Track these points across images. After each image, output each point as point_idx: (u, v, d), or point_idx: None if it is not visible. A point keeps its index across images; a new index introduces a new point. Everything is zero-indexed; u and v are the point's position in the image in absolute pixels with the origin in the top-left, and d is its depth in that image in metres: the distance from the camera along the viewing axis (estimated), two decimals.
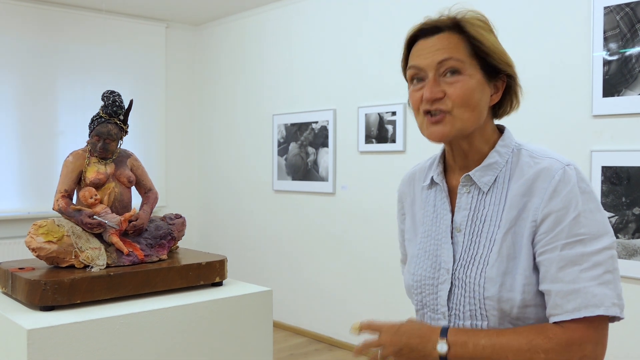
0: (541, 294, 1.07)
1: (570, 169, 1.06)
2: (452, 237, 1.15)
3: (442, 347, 1.05)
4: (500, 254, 1.07)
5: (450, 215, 1.17)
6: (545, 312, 1.07)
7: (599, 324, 1.01)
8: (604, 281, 1.00)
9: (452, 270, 1.13)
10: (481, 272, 1.08)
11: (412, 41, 1.16)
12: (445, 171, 1.22)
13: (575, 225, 1.02)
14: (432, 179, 1.23)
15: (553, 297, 1.02)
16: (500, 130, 1.19)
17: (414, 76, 1.13)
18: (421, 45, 1.12)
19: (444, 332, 1.07)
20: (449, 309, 1.13)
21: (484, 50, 1.10)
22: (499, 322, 1.07)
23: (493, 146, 1.15)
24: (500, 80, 1.14)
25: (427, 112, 1.11)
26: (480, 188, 1.13)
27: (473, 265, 1.10)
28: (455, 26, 1.11)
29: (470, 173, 1.14)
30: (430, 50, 1.10)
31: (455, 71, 1.09)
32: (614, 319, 1.02)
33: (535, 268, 1.07)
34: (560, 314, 1.02)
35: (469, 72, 1.09)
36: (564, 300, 1.01)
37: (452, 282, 1.12)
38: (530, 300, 1.06)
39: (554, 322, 1.03)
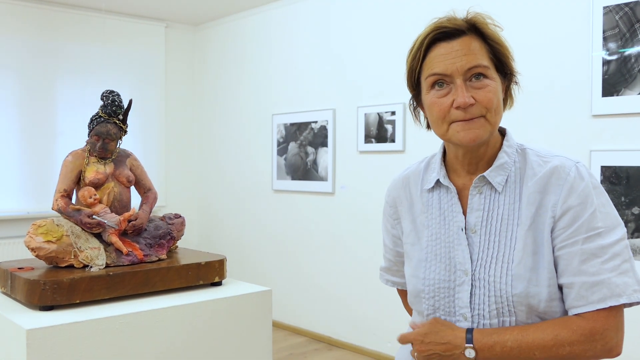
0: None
1: (581, 166, 1.10)
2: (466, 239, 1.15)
3: (470, 353, 1.07)
4: (525, 251, 1.08)
5: (462, 216, 1.16)
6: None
7: (618, 311, 1.04)
8: (623, 271, 1.04)
9: (471, 271, 1.12)
10: (507, 270, 1.09)
11: (427, 44, 1.13)
12: (447, 173, 1.22)
13: (593, 219, 1.05)
14: (437, 182, 1.21)
15: (577, 289, 1.05)
16: (501, 131, 1.20)
17: (436, 82, 1.12)
18: (442, 49, 1.10)
19: (469, 337, 1.08)
20: (471, 310, 1.12)
21: (501, 51, 1.13)
22: (527, 317, 1.08)
23: (499, 147, 1.17)
24: (507, 79, 1.16)
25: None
26: (493, 188, 1.14)
27: (496, 264, 1.10)
28: (473, 29, 1.11)
29: (485, 174, 1.14)
30: (455, 56, 1.09)
31: (480, 75, 1.09)
32: (635, 303, 1.05)
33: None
34: (584, 305, 1.04)
35: (492, 76, 1.11)
36: (589, 292, 1.04)
37: (471, 283, 1.12)
38: (556, 294, 1.08)
39: (575, 314, 1.06)
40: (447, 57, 1.09)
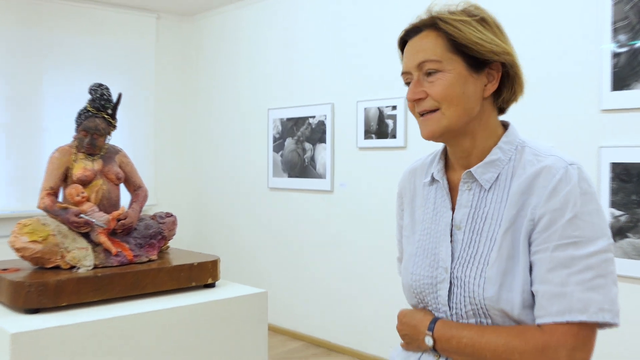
0: None
1: (573, 169, 1.05)
2: (451, 235, 1.15)
3: (429, 340, 1.14)
4: (500, 253, 1.07)
5: (450, 212, 1.17)
6: None
7: (580, 330, 1.00)
8: (593, 286, 0.99)
9: (451, 268, 1.13)
10: (481, 272, 1.08)
11: (402, 44, 1.20)
12: (447, 168, 1.23)
13: (569, 226, 1.02)
14: (432, 176, 1.23)
15: (539, 298, 1.04)
16: (505, 126, 1.19)
17: (407, 80, 1.18)
18: (407, 48, 1.17)
19: (431, 325, 1.14)
20: (450, 309, 1.13)
21: (461, 43, 1.11)
22: (502, 321, 1.08)
23: (497, 142, 1.15)
24: (493, 69, 1.13)
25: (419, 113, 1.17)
26: (481, 185, 1.13)
27: (472, 264, 1.10)
28: (432, 24, 1.14)
29: (471, 169, 1.14)
30: (412, 52, 1.15)
31: (434, 71, 1.12)
32: (605, 325, 1.01)
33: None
34: (543, 316, 1.02)
35: (447, 68, 1.11)
36: (548, 303, 1.01)
37: (451, 282, 1.13)
38: (529, 301, 1.06)
39: (538, 324, 1.04)
40: (407, 54, 1.16)
